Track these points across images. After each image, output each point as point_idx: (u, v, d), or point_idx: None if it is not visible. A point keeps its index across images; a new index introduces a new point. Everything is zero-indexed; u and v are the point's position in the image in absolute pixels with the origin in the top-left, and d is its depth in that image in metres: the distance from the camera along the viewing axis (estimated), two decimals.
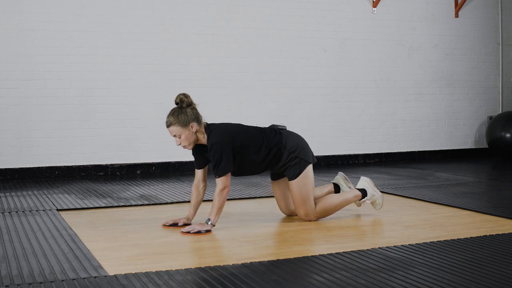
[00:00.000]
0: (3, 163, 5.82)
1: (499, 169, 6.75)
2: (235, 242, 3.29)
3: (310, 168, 3.80)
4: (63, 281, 2.51)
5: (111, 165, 6.17)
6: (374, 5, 7.22)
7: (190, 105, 3.59)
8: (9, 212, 4.10)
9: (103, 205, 4.42)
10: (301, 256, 2.91)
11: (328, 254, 2.94)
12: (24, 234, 3.41)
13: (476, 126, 7.88)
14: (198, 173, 3.74)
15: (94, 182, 5.64)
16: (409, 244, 3.13)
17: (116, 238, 3.39)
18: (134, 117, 6.25)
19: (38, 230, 3.53)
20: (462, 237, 3.29)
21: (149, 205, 4.47)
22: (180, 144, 3.58)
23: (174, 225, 3.69)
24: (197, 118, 3.57)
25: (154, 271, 2.63)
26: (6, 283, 2.47)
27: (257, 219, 3.90)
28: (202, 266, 2.71)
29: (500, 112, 7.95)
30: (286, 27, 6.83)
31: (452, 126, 7.74)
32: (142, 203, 4.50)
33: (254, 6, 6.69)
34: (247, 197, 4.78)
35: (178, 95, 3.60)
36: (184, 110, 3.55)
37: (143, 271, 2.63)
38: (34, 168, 5.90)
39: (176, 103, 3.60)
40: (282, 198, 3.96)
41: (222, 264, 2.76)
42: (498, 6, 7.93)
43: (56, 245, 3.15)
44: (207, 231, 3.49)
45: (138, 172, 6.26)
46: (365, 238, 3.41)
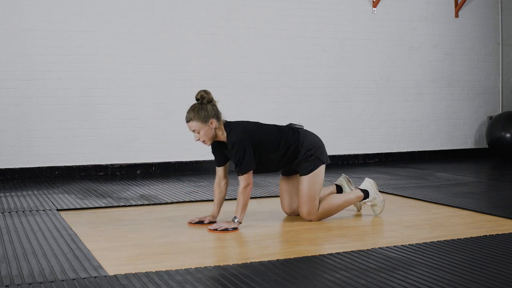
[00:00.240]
0: (3, 163, 5.82)
1: (499, 169, 6.75)
2: (235, 242, 3.30)
3: (323, 168, 3.83)
4: (63, 281, 2.51)
5: (111, 165, 6.17)
6: (374, 5, 7.22)
7: (211, 101, 3.63)
8: (9, 212, 4.10)
9: (103, 205, 4.42)
10: (301, 256, 2.91)
11: (328, 254, 2.94)
12: (24, 234, 3.41)
13: (476, 126, 7.88)
14: (219, 170, 3.78)
15: (94, 182, 5.64)
16: (409, 244, 3.13)
17: (116, 238, 3.39)
18: (134, 117, 6.25)
19: (38, 230, 3.53)
20: (462, 237, 3.29)
21: (149, 205, 4.47)
22: (198, 139, 3.61)
23: (200, 222, 3.73)
24: (217, 115, 3.62)
25: (154, 271, 2.63)
26: (6, 283, 2.47)
27: (257, 219, 3.90)
28: (202, 266, 2.71)
29: (500, 112, 7.95)
30: (286, 27, 6.83)
31: (452, 126, 7.74)
32: (142, 203, 4.50)
33: (254, 6, 6.69)
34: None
35: (199, 92, 3.63)
36: (204, 106, 3.58)
37: (143, 271, 2.63)
38: (34, 168, 5.90)
39: (196, 99, 3.63)
40: (288, 195, 3.96)
41: (222, 264, 2.76)
42: (498, 6, 7.93)
43: (56, 245, 3.15)
44: (234, 229, 3.54)
45: (138, 172, 6.26)
46: (365, 238, 3.41)
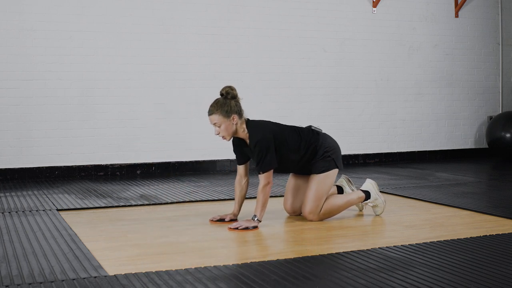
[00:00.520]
0: (3, 163, 5.82)
1: (499, 169, 6.75)
2: (235, 242, 3.29)
3: (335, 173, 3.84)
4: (63, 281, 2.51)
5: (111, 165, 6.17)
6: (374, 5, 7.22)
7: (235, 97, 3.65)
8: (9, 212, 4.10)
9: (103, 205, 4.42)
10: (301, 256, 2.91)
11: (328, 254, 2.94)
12: (24, 234, 3.41)
13: (476, 126, 7.88)
14: (240, 168, 3.80)
15: (94, 182, 5.63)
16: (409, 244, 3.13)
17: (116, 238, 3.39)
18: (134, 117, 6.25)
19: (38, 230, 3.53)
20: (462, 237, 3.29)
21: (149, 205, 4.47)
22: (218, 134, 3.63)
23: (221, 220, 3.77)
24: (239, 111, 3.64)
25: (154, 271, 2.63)
26: (6, 283, 2.47)
27: None
28: (202, 266, 2.71)
29: (500, 112, 7.95)
30: (286, 27, 6.83)
31: (452, 126, 7.74)
32: (142, 203, 4.50)
33: (254, 6, 6.69)
34: (248, 197, 4.75)
35: (224, 87, 3.66)
36: (228, 102, 3.61)
37: (143, 271, 2.63)
38: (34, 168, 5.90)
39: (221, 94, 3.65)
40: (293, 192, 3.96)
41: (222, 264, 2.76)
42: (498, 6, 7.93)
43: (56, 245, 3.15)
44: (254, 227, 3.56)
45: (138, 172, 6.26)
46: (365, 238, 3.41)
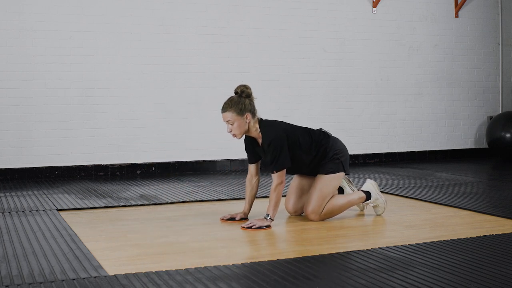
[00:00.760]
0: (3, 163, 5.82)
1: (499, 169, 6.75)
2: (235, 242, 3.29)
3: (342, 176, 3.85)
4: (63, 281, 2.51)
5: (111, 165, 6.17)
6: (374, 5, 7.22)
7: (249, 96, 3.68)
8: (9, 212, 4.10)
9: (103, 205, 4.42)
10: (301, 256, 2.91)
11: (328, 254, 2.94)
12: (24, 234, 3.41)
13: (476, 126, 7.88)
14: (251, 167, 3.82)
15: (94, 182, 5.63)
16: (409, 244, 3.13)
17: (116, 238, 3.39)
18: (134, 117, 6.25)
19: (38, 230, 3.52)
20: (462, 237, 3.29)
21: (149, 205, 4.47)
22: (231, 131, 3.64)
23: (232, 219, 3.79)
24: (253, 110, 3.66)
25: (154, 271, 2.63)
26: (6, 283, 2.47)
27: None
28: (202, 266, 2.71)
29: (500, 112, 7.95)
30: (286, 27, 6.83)
31: (452, 126, 7.74)
32: (142, 203, 4.49)
33: (254, 6, 6.69)
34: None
35: (239, 86, 3.69)
36: (242, 100, 3.64)
37: (143, 271, 2.63)
38: (34, 168, 5.90)
39: (235, 92, 3.68)
40: (296, 192, 3.96)
41: (222, 264, 2.76)
42: (498, 6, 7.93)
43: (56, 245, 3.15)
44: (267, 227, 3.57)
45: (138, 172, 6.26)
46: (365, 238, 3.41)
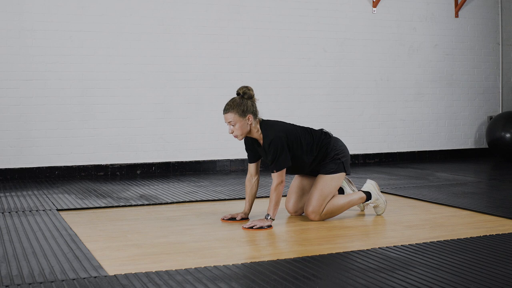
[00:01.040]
0: (3, 163, 5.82)
1: (499, 169, 6.75)
2: (235, 242, 3.29)
3: (343, 176, 3.85)
4: (63, 281, 2.51)
5: (111, 165, 6.17)
6: (374, 5, 7.22)
7: (251, 98, 3.69)
8: (9, 212, 4.10)
9: (103, 205, 4.42)
10: (301, 256, 2.91)
11: (328, 254, 2.94)
12: (24, 234, 3.41)
13: (476, 126, 7.88)
14: (251, 167, 3.82)
15: (94, 182, 5.63)
16: (409, 244, 3.13)
17: (116, 238, 3.39)
18: (134, 117, 6.25)
19: (38, 230, 3.53)
20: (462, 237, 3.29)
21: (149, 205, 4.47)
22: (232, 132, 3.65)
23: (232, 219, 3.80)
24: (255, 111, 3.67)
25: (154, 271, 2.63)
26: (6, 283, 2.47)
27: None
28: (202, 266, 2.71)
29: (500, 112, 7.95)
30: (286, 27, 6.83)
31: (452, 126, 7.74)
32: (142, 203, 4.49)
33: (254, 6, 6.69)
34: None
35: (241, 87, 3.69)
36: (244, 101, 3.64)
37: (143, 271, 2.63)
38: (34, 168, 5.90)
39: (237, 94, 3.69)
40: (297, 192, 3.97)
41: (222, 264, 2.76)
42: (498, 6, 7.93)
43: (56, 245, 3.15)
44: (268, 227, 3.58)
45: (138, 172, 6.26)
46: (365, 238, 3.41)
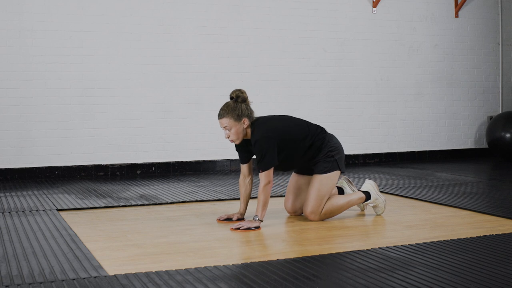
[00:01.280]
0: (3, 163, 5.82)
1: (499, 169, 6.75)
2: (235, 242, 3.29)
3: (338, 174, 3.85)
4: (63, 281, 2.51)
5: (111, 165, 6.17)
6: (374, 5, 7.22)
7: (245, 101, 3.66)
8: (9, 212, 4.10)
9: (103, 205, 4.42)
10: (301, 256, 2.91)
11: (328, 254, 2.94)
12: (24, 234, 3.41)
13: (476, 126, 7.88)
14: (243, 167, 3.82)
15: (94, 182, 5.63)
16: (409, 244, 3.13)
17: (116, 238, 3.39)
18: (134, 117, 6.25)
19: (38, 230, 3.52)
20: (462, 237, 3.29)
21: (149, 205, 4.47)
22: (228, 137, 3.64)
23: (229, 219, 3.79)
24: (250, 115, 3.64)
25: (154, 271, 2.63)
26: (6, 283, 2.47)
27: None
28: (202, 266, 2.71)
29: (500, 112, 7.95)
30: (286, 27, 6.83)
31: (452, 126, 7.74)
32: (142, 203, 4.49)
33: (254, 6, 6.69)
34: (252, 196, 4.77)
35: (234, 91, 3.66)
36: (238, 105, 3.62)
37: (143, 271, 2.63)
38: (34, 168, 5.90)
39: (231, 98, 3.66)
40: (294, 191, 3.97)
41: (222, 264, 2.76)
42: (498, 6, 7.93)
43: (56, 245, 3.15)
44: (256, 228, 3.56)
45: (138, 172, 6.26)
46: (365, 238, 3.41)
